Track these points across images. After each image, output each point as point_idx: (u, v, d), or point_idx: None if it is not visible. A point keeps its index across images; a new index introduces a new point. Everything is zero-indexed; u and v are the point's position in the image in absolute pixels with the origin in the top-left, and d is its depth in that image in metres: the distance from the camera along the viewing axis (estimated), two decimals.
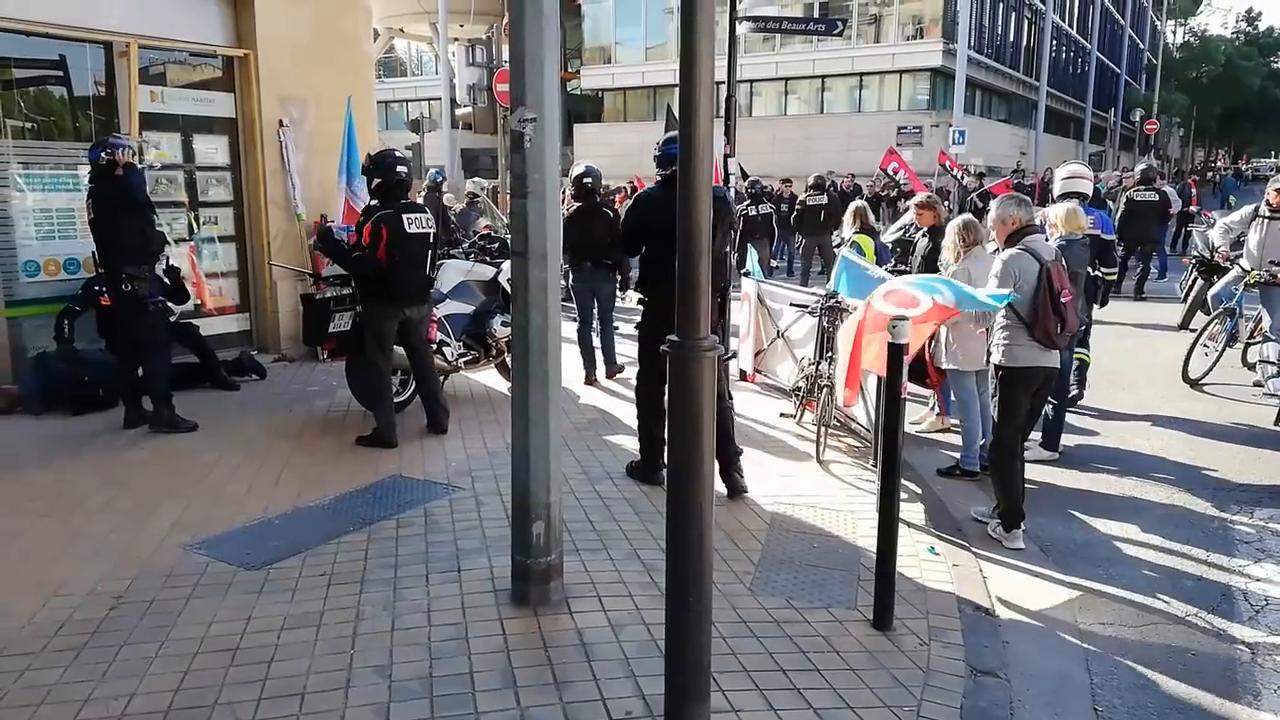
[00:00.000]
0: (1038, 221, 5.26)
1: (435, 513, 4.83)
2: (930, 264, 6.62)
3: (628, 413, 6.95)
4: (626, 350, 9.23)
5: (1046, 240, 5.12)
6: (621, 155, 31.85)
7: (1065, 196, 7.21)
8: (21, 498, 4.98)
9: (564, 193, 8.10)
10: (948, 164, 20.69)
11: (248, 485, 5.22)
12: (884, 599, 3.70)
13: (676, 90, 2.66)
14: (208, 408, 6.93)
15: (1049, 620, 3.96)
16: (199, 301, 8.26)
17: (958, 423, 6.03)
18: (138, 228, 6.14)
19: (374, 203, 6.09)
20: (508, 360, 7.59)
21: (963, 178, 19.85)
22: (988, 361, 5.04)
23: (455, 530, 4.59)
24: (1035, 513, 5.18)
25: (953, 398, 6.10)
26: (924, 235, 7.06)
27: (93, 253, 7.36)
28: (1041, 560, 4.58)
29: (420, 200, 8.45)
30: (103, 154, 6.06)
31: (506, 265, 7.56)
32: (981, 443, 5.62)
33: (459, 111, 33.25)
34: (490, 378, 7.87)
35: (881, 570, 3.70)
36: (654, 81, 35.96)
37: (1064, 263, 4.85)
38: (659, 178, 5.44)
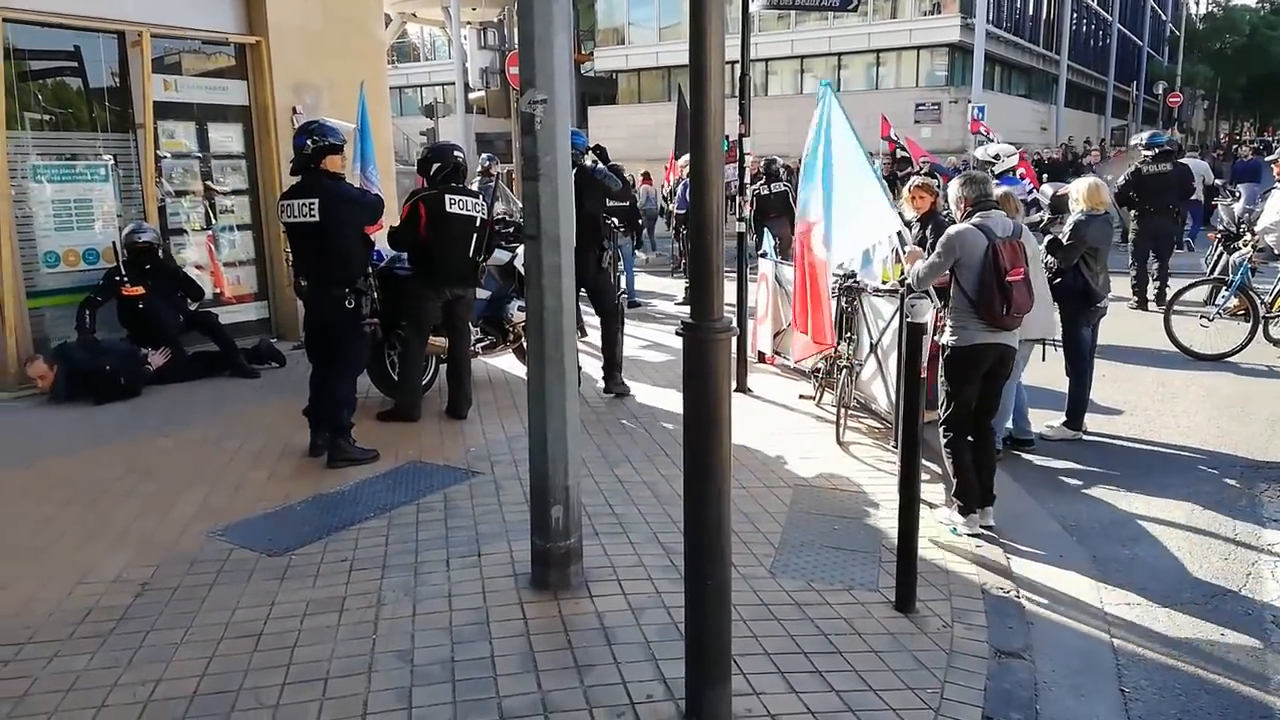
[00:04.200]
0: (997, 196, 4.99)
1: (455, 498, 4.83)
2: None
3: (645, 395, 6.95)
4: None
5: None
6: (636, 137, 31.75)
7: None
8: (47, 486, 5.03)
9: None
10: (983, 130, 20.43)
11: (269, 472, 5.25)
12: (906, 581, 3.67)
13: (690, 71, 2.63)
14: (228, 396, 6.99)
15: (1074, 601, 3.92)
16: (218, 290, 8.33)
17: None
18: (363, 237, 5.48)
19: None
20: (524, 345, 7.60)
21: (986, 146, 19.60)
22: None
23: (475, 515, 4.59)
24: (1058, 492, 5.15)
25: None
26: (918, 224, 6.22)
27: (114, 244, 7.45)
28: (1065, 541, 4.54)
29: (476, 185, 8.44)
30: (308, 141, 5.20)
31: (522, 249, 7.55)
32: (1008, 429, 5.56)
33: (472, 96, 33.22)
34: (508, 362, 7.87)
35: (903, 552, 3.67)
36: (668, 62, 35.71)
37: (1025, 240, 4.59)
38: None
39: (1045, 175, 18.21)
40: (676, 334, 2.70)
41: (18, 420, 6.40)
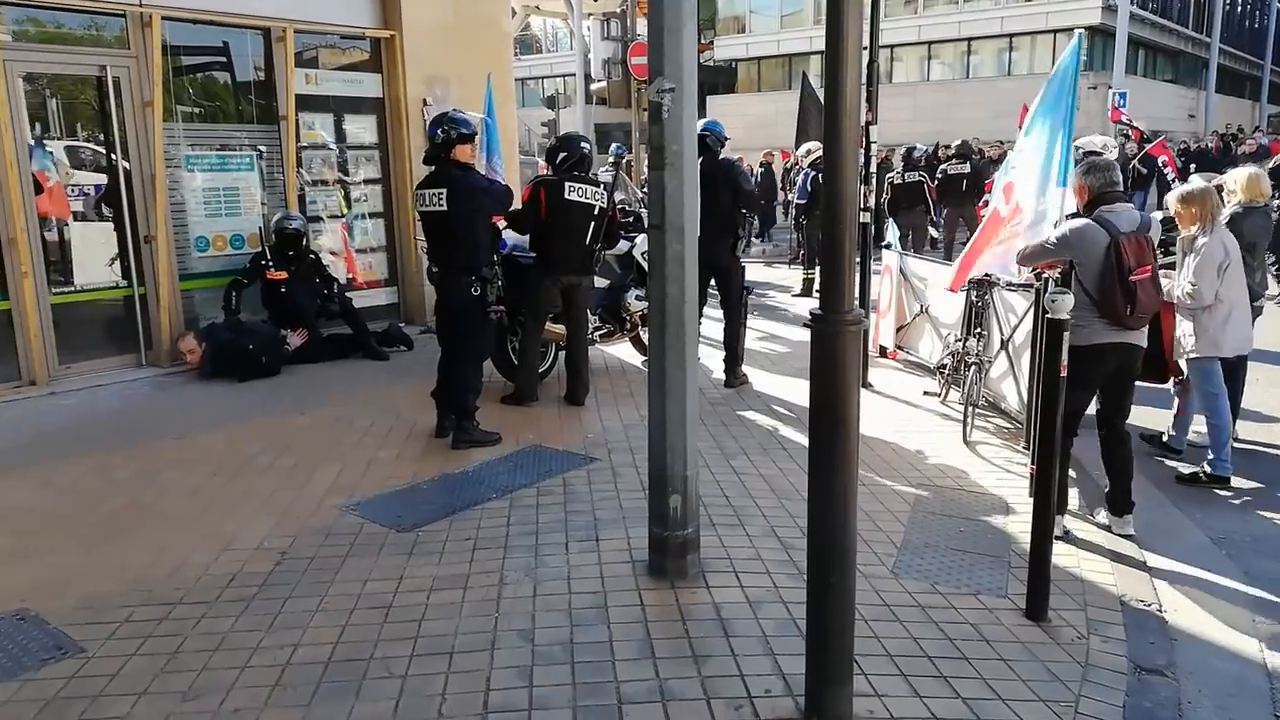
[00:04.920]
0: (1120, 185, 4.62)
1: (573, 482, 4.90)
2: None
3: (762, 386, 6.89)
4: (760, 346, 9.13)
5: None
6: (755, 126, 31.43)
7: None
8: (196, 457, 5.36)
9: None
10: (1124, 119, 19.22)
11: (397, 451, 5.45)
12: (1038, 588, 3.52)
13: (811, 58, 2.58)
14: (360, 377, 7.29)
15: (1222, 618, 3.67)
16: (350, 275, 8.68)
17: None
18: (490, 226, 5.70)
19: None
20: (641, 334, 7.64)
21: (1129, 136, 18.43)
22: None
23: (593, 500, 4.65)
24: (1206, 502, 4.86)
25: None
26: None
27: (259, 229, 7.87)
28: (1213, 554, 4.26)
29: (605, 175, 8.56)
30: (439, 131, 5.37)
31: (640, 239, 7.58)
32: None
33: (594, 86, 33.54)
34: (624, 351, 7.94)
35: (1036, 557, 3.51)
36: (789, 50, 35.23)
37: (1149, 235, 4.25)
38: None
39: (1193, 165, 17.08)
40: (805, 325, 2.65)
41: (170, 394, 6.84)
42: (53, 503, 4.70)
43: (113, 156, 7.22)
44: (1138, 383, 4.51)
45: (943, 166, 13.87)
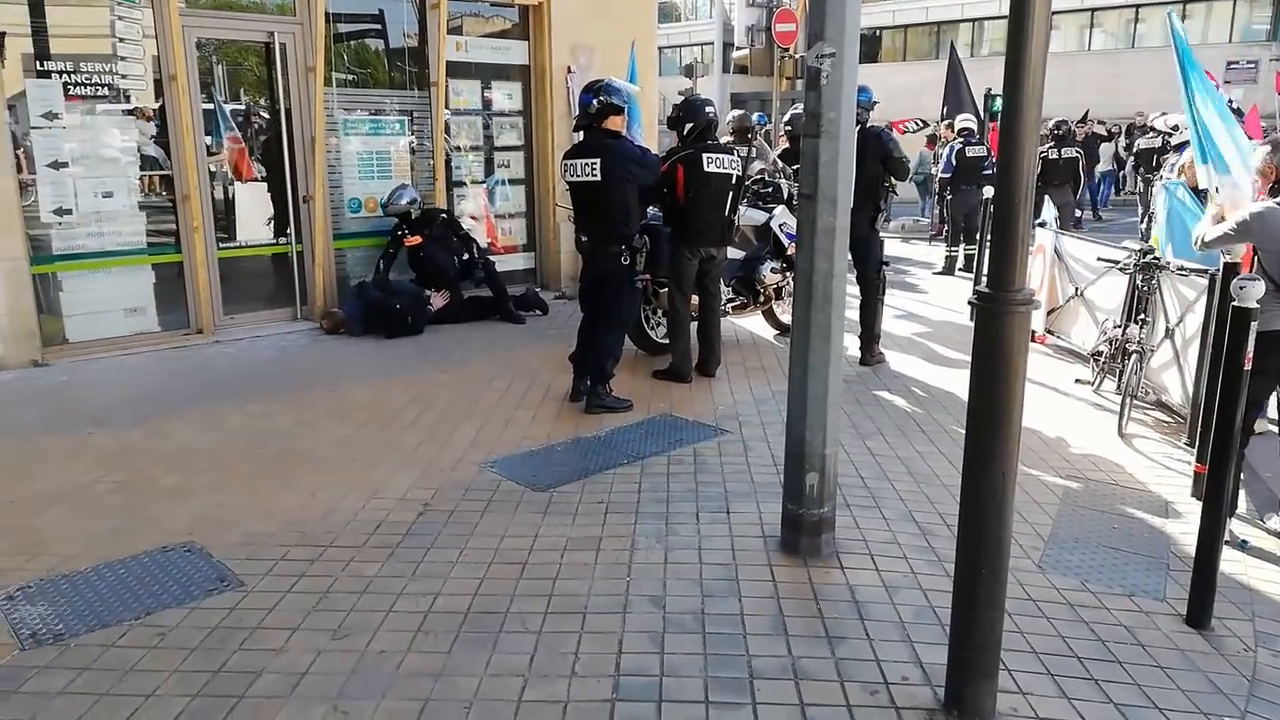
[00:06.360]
0: None
1: (704, 453, 4.89)
2: None
3: (898, 365, 6.69)
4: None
5: None
6: (897, 96, 30.27)
7: None
8: (346, 408, 5.62)
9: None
10: None
11: (533, 412, 5.56)
12: (1202, 593, 3.29)
13: (960, 26, 2.42)
14: (498, 339, 7.47)
15: None
16: (490, 240, 8.89)
17: None
18: (640, 196, 5.68)
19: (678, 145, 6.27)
20: (774, 308, 7.54)
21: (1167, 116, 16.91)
22: None
23: (723, 472, 4.62)
24: None
25: None
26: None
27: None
28: None
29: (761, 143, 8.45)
30: (595, 100, 5.35)
31: (778, 210, 7.44)
32: None
33: (736, 54, 33.13)
34: (756, 324, 7.84)
35: (1202, 562, 3.28)
36: (939, 17, 33.69)
37: None
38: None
39: None
40: (969, 303, 2.53)
41: (323, 347, 7.19)
42: (217, 445, 5.02)
43: (276, 120, 7.58)
44: None
45: (1137, 142, 13.29)
